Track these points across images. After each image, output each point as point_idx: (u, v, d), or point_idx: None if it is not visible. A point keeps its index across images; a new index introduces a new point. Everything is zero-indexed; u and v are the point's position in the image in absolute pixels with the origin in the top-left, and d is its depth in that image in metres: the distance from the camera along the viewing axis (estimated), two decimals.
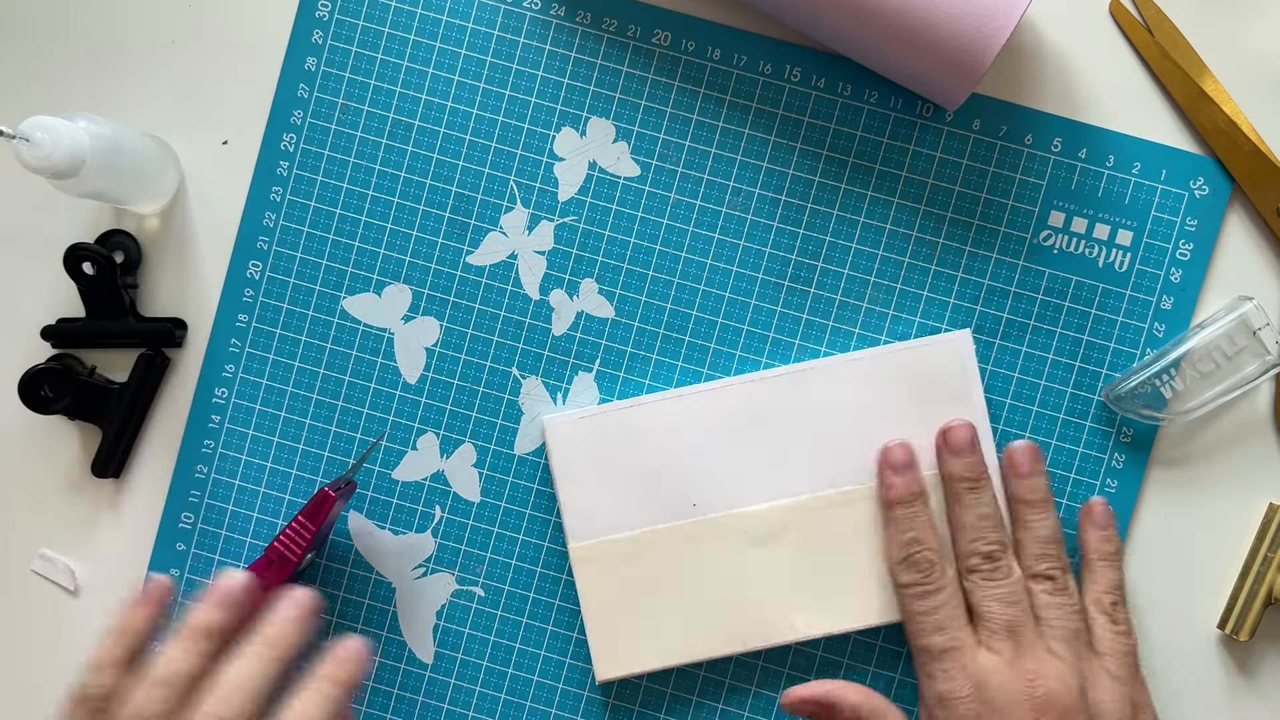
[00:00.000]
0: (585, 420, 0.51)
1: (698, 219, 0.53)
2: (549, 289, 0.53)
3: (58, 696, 0.54)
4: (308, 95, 0.53)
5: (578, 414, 0.51)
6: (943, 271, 0.52)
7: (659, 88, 0.52)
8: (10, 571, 0.54)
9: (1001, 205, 0.52)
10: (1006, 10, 0.46)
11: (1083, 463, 0.52)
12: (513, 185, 0.53)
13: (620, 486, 0.51)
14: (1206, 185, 0.52)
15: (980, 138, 0.52)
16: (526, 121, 0.53)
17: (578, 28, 0.53)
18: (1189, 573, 0.52)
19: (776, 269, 0.52)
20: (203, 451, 0.54)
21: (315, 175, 0.53)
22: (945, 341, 0.51)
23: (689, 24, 0.52)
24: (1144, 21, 0.52)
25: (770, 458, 0.51)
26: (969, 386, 0.51)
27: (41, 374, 0.52)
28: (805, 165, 0.52)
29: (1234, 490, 0.52)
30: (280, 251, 0.53)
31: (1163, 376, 0.50)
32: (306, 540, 0.49)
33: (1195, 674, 0.52)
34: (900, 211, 0.52)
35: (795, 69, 0.52)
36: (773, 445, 0.51)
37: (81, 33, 0.54)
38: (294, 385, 0.53)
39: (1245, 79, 0.52)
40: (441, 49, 0.53)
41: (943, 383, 0.51)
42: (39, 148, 0.45)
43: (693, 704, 0.53)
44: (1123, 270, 0.52)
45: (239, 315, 0.54)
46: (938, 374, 0.51)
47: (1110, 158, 0.52)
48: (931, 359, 0.51)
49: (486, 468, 0.53)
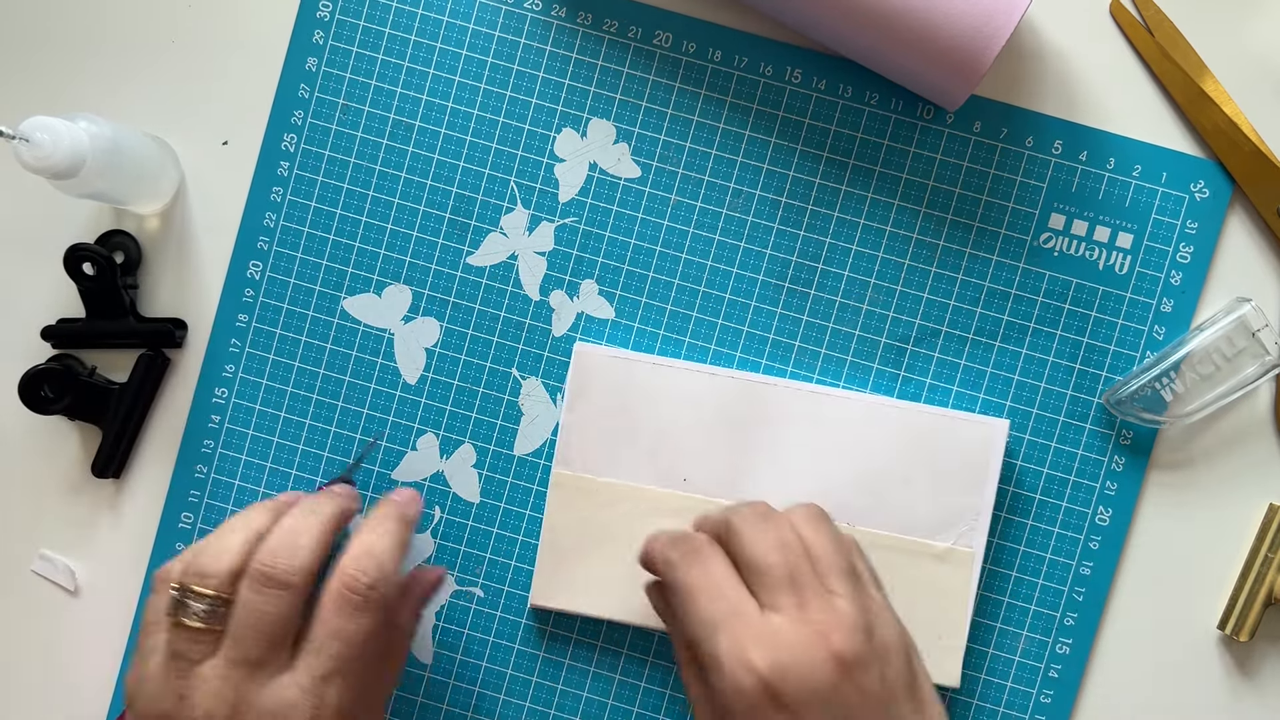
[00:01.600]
0: (615, 360, 0.51)
1: (698, 220, 0.53)
2: (549, 290, 0.53)
3: (58, 696, 0.54)
4: (308, 95, 0.53)
5: (611, 351, 0.51)
6: (943, 274, 0.52)
7: (660, 89, 0.52)
8: (10, 571, 0.54)
9: (1002, 207, 0.52)
10: (1006, 11, 0.46)
11: (1082, 465, 0.52)
12: (513, 186, 0.53)
13: (623, 435, 0.51)
14: (1207, 188, 0.52)
15: (981, 140, 0.52)
16: (527, 122, 0.53)
17: (579, 29, 0.53)
18: (1189, 573, 0.52)
19: (777, 271, 0.52)
20: (203, 451, 0.54)
21: (316, 175, 0.53)
22: (982, 425, 0.50)
23: (690, 25, 0.52)
24: (1144, 22, 0.52)
25: (772, 464, 0.51)
26: (987, 475, 0.50)
27: (41, 374, 0.52)
28: (806, 167, 0.52)
29: (1234, 491, 0.52)
30: (280, 252, 0.53)
31: (1163, 379, 0.50)
32: None
33: (1195, 674, 0.52)
34: (900, 214, 0.52)
35: (796, 70, 0.52)
36: (779, 453, 0.51)
37: (82, 32, 0.54)
38: (294, 385, 0.53)
39: (1245, 79, 0.52)
40: (442, 50, 0.53)
41: (962, 461, 0.50)
42: (39, 148, 0.45)
43: None
44: (1123, 273, 0.52)
45: (239, 315, 0.54)
46: (961, 452, 0.50)
47: (1111, 160, 0.52)
48: (961, 435, 0.50)
49: (486, 468, 0.53)
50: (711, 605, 0.41)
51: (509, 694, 0.53)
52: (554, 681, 0.53)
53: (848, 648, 0.39)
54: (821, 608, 0.40)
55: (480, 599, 0.53)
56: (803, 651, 0.39)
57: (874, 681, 0.39)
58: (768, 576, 0.41)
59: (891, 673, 0.40)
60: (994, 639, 0.52)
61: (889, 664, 0.40)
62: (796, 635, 0.39)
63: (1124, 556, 0.52)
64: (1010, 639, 0.52)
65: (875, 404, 0.51)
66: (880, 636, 0.40)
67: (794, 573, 0.41)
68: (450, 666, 0.53)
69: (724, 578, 0.41)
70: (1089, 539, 0.52)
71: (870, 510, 0.50)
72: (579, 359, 0.51)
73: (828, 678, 0.39)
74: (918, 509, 0.50)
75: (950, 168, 0.52)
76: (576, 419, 0.51)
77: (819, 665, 0.39)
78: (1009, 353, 0.52)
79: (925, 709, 0.40)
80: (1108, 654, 0.52)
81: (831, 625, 0.39)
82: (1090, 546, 0.52)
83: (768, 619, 0.40)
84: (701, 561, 0.42)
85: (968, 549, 0.50)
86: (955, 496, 0.50)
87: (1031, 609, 0.52)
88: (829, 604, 0.40)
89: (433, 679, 0.53)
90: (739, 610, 0.40)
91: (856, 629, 0.40)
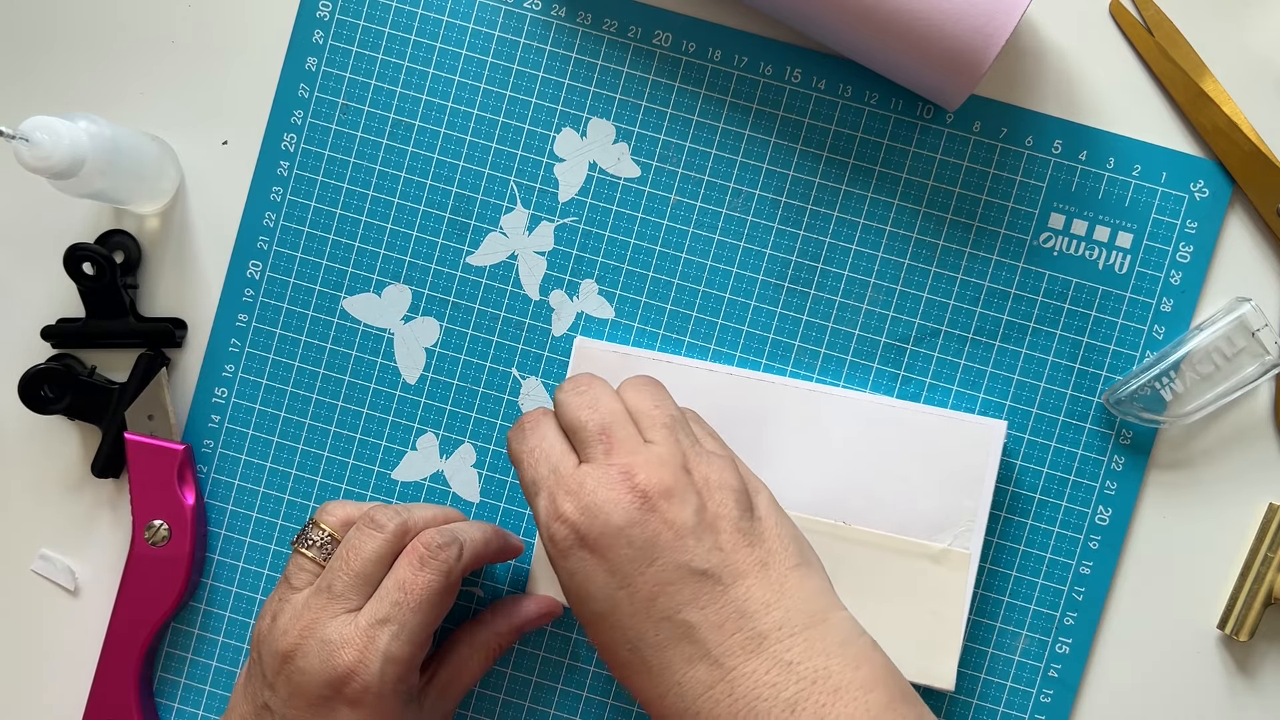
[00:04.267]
0: (615, 355, 0.51)
1: (698, 220, 0.53)
2: (549, 290, 0.53)
3: (58, 696, 0.54)
4: (308, 95, 0.53)
5: (611, 347, 0.51)
6: (942, 273, 0.52)
7: (660, 89, 0.52)
8: (10, 571, 0.54)
9: (1001, 207, 0.52)
10: (1006, 10, 0.46)
11: (1082, 465, 0.52)
12: (513, 186, 0.53)
13: None
14: (1207, 188, 0.52)
15: (980, 139, 0.52)
16: (527, 122, 0.53)
17: (578, 28, 0.53)
18: (1189, 573, 0.52)
19: (776, 270, 0.52)
20: (203, 451, 0.54)
21: (315, 175, 0.53)
22: (980, 425, 0.50)
23: (690, 25, 0.52)
24: (1144, 21, 0.52)
25: (769, 461, 0.51)
26: (984, 476, 0.50)
27: (41, 374, 0.52)
28: (805, 167, 0.52)
29: (1234, 491, 0.52)
30: (280, 251, 0.53)
31: (1163, 379, 0.50)
32: None
33: (1195, 674, 0.52)
34: (900, 213, 0.52)
35: (796, 70, 0.52)
36: (775, 450, 0.51)
37: (82, 33, 0.54)
38: (294, 385, 0.53)
39: (1245, 79, 0.52)
40: (442, 49, 0.53)
41: (959, 462, 0.50)
42: (39, 148, 0.45)
43: None
44: (1123, 272, 0.52)
45: (239, 315, 0.54)
46: (959, 452, 0.50)
47: (1111, 160, 0.52)
48: (959, 436, 0.50)
49: (486, 468, 0.53)
50: (534, 469, 0.43)
51: (509, 694, 0.53)
52: (554, 681, 0.53)
53: (651, 481, 0.40)
54: (631, 450, 0.41)
55: (480, 599, 0.53)
56: (605, 491, 0.40)
57: (687, 515, 0.40)
58: (583, 432, 0.42)
59: (713, 507, 0.41)
60: (994, 639, 0.52)
61: (710, 498, 0.41)
62: (602, 477, 0.40)
63: (1124, 556, 0.52)
64: (1010, 639, 0.52)
65: (872, 403, 0.51)
66: (702, 474, 0.41)
67: (606, 427, 0.42)
68: None
69: (549, 443, 0.43)
70: (1089, 539, 0.52)
71: (866, 510, 0.50)
72: (579, 354, 0.51)
73: (628, 512, 0.39)
74: (914, 509, 0.50)
75: (950, 167, 0.52)
76: None
77: (620, 500, 0.40)
78: (1009, 352, 0.52)
79: (759, 546, 0.40)
80: (1108, 654, 0.52)
81: (638, 464, 0.40)
82: (1090, 546, 0.52)
83: (579, 470, 0.41)
84: (529, 433, 0.44)
85: (964, 550, 0.50)
86: (952, 497, 0.50)
87: (1031, 609, 0.52)
88: (640, 447, 0.41)
89: None
90: (556, 468, 0.42)
91: (665, 464, 0.40)
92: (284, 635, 0.45)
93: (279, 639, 0.45)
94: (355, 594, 0.45)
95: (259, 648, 0.46)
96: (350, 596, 0.45)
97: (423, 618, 0.44)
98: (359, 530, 0.46)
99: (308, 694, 0.43)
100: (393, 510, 0.47)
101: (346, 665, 0.43)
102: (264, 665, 0.45)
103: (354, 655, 0.43)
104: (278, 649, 0.44)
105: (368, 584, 0.45)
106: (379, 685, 0.43)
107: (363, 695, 0.43)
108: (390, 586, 0.45)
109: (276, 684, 0.44)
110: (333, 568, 0.46)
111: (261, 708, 0.45)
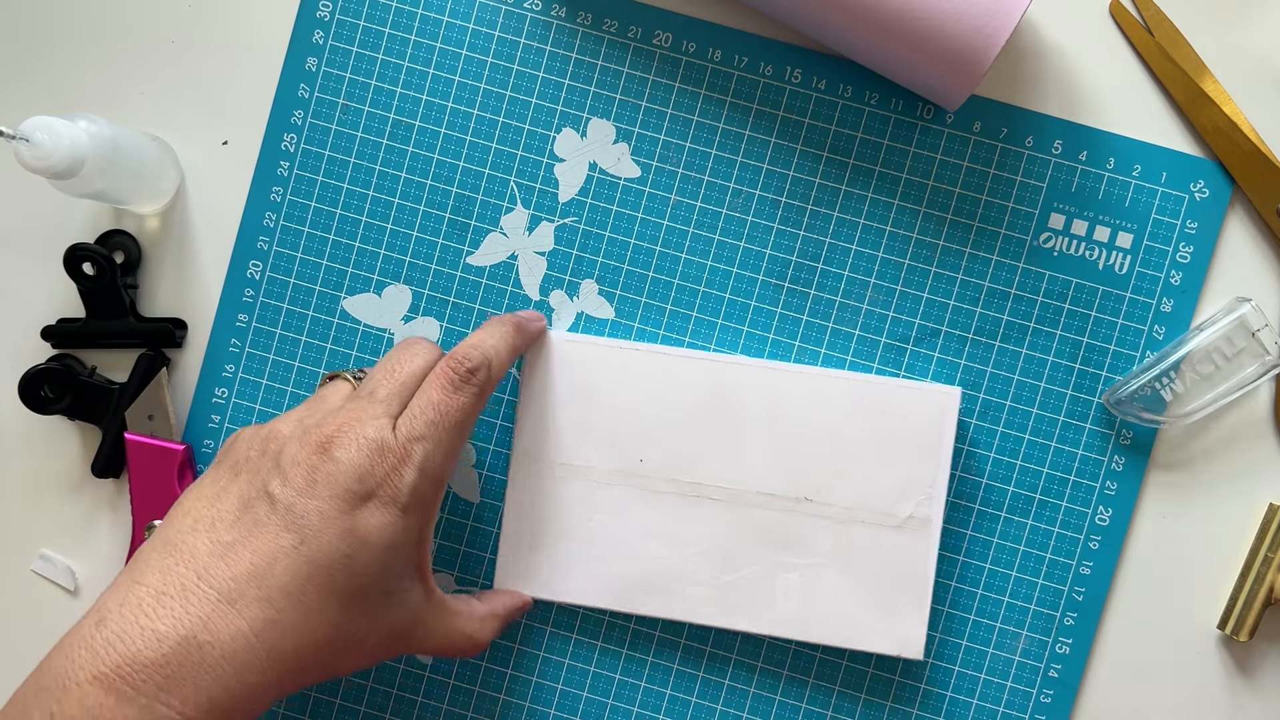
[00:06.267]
0: (582, 346, 0.51)
1: (698, 220, 0.53)
2: (549, 290, 0.53)
3: None
4: (308, 95, 0.53)
5: (579, 338, 0.51)
6: (942, 274, 0.52)
7: (660, 89, 0.52)
8: (10, 571, 0.54)
9: (1002, 207, 0.52)
10: (1007, 10, 0.46)
11: (1082, 465, 0.52)
12: (513, 186, 0.53)
13: (578, 418, 0.51)
14: (1207, 188, 0.52)
15: (980, 140, 0.52)
16: (527, 122, 0.53)
17: (578, 29, 0.53)
18: (1189, 573, 0.52)
19: (776, 270, 0.52)
20: (203, 451, 0.54)
21: (315, 175, 0.53)
22: (935, 393, 0.50)
23: (690, 25, 0.52)
24: (1144, 22, 0.52)
25: (729, 441, 0.51)
26: (940, 443, 0.50)
27: (41, 374, 0.52)
28: (805, 167, 0.52)
29: (1234, 491, 0.52)
30: (280, 251, 0.53)
31: (1163, 379, 0.50)
32: None
33: (1195, 674, 0.52)
34: (900, 213, 0.52)
35: (796, 70, 0.52)
36: (735, 429, 0.51)
37: (82, 33, 0.54)
38: (294, 385, 0.53)
39: (1245, 79, 0.52)
40: (442, 50, 0.53)
41: (916, 431, 0.50)
42: (39, 148, 0.45)
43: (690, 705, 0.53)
44: (1123, 273, 0.52)
45: (239, 315, 0.54)
46: (915, 421, 0.50)
47: (1111, 160, 0.52)
48: (915, 404, 0.50)
49: (486, 468, 0.53)
50: None
51: (509, 694, 0.53)
52: (554, 681, 0.53)
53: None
54: None
55: None
56: None
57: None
58: None
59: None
60: (994, 639, 0.52)
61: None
62: None
63: (1124, 556, 0.52)
64: (1010, 639, 0.52)
65: (826, 376, 0.51)
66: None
67: None
68: (450, 666, 0.53)
69: None
70: (1089, 539, 0.52)
71: (827, 483, 0.50)
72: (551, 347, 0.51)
73: None
74: (874, 481, 0.50)
75: (950, 167, 0.52)
76: (533, 402, 0.51)
77: None
78: (1008, 352, 0.52)
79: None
80: (1108, 654, 0.52)
81: None
82: (1090, 546, 0.52)
83: None
84: None
85: (925, 517, 0.50)
86: (911, 466, 0.50)
87: (1031, 609, 0.52)
88: None
89: (432, 679, 0.53)
90: None
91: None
92: (319, 428, 0.44)
93: (312, 431, 0.44)
94: (397, 402, 0.45)
95: (271, 443, 0.45)
96: (392, 403, 0.45)
97: (456, 436, 0.45)
98: (405, 347, 0.47)
99: (336, 485, 0.42)
100: (425, 337, 0.49)
101: (386, 467, 0.43)
102: (282, 457, 0.43)
103: (393, 460, 0.43)
104: (312, 439, 0.43)
105: (408, 394, 0.46)
106: (408, 497, 0.43)
107: (394, 499, 0.43)
108: (425, 405, 0.45)
109: (292, 474, 0.43)
110: (374, 377, 0.46)
111: (257, 497, 0.43)
